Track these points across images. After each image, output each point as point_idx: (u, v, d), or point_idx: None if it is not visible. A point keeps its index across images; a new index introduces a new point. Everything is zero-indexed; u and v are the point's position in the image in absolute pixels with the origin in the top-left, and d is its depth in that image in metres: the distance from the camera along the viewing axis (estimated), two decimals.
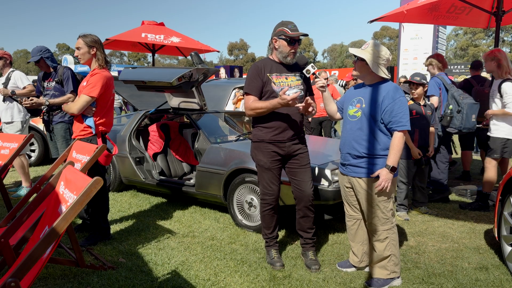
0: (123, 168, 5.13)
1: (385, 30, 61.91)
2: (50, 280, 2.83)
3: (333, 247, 3.52)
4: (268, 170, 3.06)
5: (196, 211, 4.56)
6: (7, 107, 5.10)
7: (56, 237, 1.83)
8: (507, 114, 4.21)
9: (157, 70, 4.95)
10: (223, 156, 4.15)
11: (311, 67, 2.93)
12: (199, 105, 4.93)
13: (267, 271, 3.01)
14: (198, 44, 8.46)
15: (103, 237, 3.58)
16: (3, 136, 3.93)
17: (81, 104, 3.33)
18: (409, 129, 2.70)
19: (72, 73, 4.61)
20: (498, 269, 3.08)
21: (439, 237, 3.77)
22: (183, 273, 3.00)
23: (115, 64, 25.12)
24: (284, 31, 2.93)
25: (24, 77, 5.16)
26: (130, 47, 9.11)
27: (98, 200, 3.48)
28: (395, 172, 2.65)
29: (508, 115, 4.21)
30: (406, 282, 2.87)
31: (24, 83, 5.11)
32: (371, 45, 2.75)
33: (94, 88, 3.34)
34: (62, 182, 2.39)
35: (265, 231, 3.20)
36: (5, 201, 3.81)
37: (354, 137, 2.77)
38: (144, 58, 68.94)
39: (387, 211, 2.74)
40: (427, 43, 12.69)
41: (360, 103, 2.78)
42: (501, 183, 3.21)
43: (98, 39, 3.47)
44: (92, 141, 3.41)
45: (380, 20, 5.41)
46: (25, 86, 5.09)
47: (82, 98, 3.34)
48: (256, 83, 2.98)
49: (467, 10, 5.44)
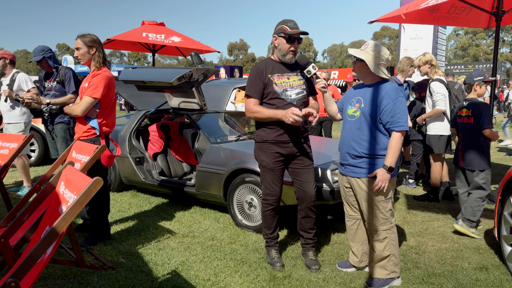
0: (123, 168, 5.13)
1: (385, 30, 61.94)
2: (50, 280, 2.83)
3: (333, 247, 3.52)
4: (270, 170, 3.05)
5: (196, 211, 4.56)
6: (10, 108, 5.12)
7: (56, 237, 1.83)
8: (438, 111, 4.55)
9: (157, 70, 4.95)
10: (223, 156, 4.15)
11: (312, 68, 2.92)
12: (199, 105, 4.93)
13: (267, 271, 3.01)
14: (198, 44, 8.46)
15: (103, 237, 3.58)
16: (3, 136, 3.93)
17: (84, 106, 3.32)
18: (407, 130, 2.70)
19: (74, 74, 4.61)
20: (498, 269, 3.08)
21: (439, 237, 3.77)
22: (183, 273, 3.00)
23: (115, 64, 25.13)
24: (283, 28, 2.93)
25: (29, 80, 5.15)
26: (130, 47, 9.11)
27: (99, 200, 3.48)
28: (392, 172, 2.65)
29: (439, 112, 4.55)
30: (406, 282, 2.87)
31: (29, 86, 5.12)
32: (371, 45, 2.75)
33: (97, 89, 3.33)
34: (62, 182, 2.39)
35: (265, 231, 3.20)
36: (5, 201, 3.81)
37: (353, 137, 2.77)
38: (144, 58, 68.96)
39: (386, 211, 2.75)
40: (427, 43, 12.68)
41: (359, 103, 2.78)
42: (501, 183, 3.21)
43: (97, 38, 3.45)
44: (95, 142, 3.40)
45: (379, 21, 5.41)
46: (29, 89, 5.10)
47: (85, 99, 3.33)
48: (257, 85, 2.97)
49: (467, 10, 5.43)
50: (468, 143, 3.90)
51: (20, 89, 5.09)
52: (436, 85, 4.57)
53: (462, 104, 4.05)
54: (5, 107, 5.11)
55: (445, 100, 4.53)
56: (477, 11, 5.25)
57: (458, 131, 4.08)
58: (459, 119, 4.03)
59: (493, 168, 6.79)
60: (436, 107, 4.56)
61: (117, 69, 19.75)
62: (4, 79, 5.19)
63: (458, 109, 4.06)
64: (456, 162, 4.03)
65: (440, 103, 4.52)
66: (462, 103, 4.07)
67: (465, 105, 4.00)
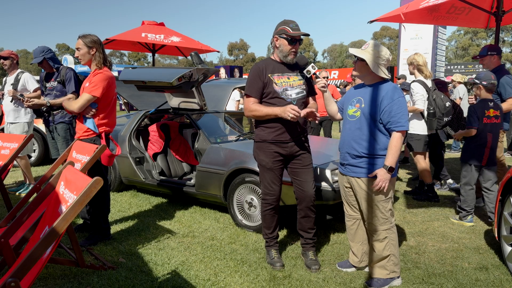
0: (123, 168, 5.13)
1: (385, 30, 61.93)
2: (50, 280, 2.83)
3: (333, 247, 3.52)
4: (270, 170, 3.05)
5: (196, 211, 4.56)
6: (14, 108, 5.13)
7: (56, 237, 1.83)
8: (417, 110, 4.75)
9: (157, 70, 4.95)
10: (223, 156, 4.15)
11: (312, 68, 2.92)
12: (199, 105, 4.93)
13: (267, 271, 3.01)
14: (198, 44, 8.46)
15: (103, 237, 3.58)
16: (3, 136, 3.93)
17: (82, 102, 3.33)
18: (407, 130, 2.70)
19: (75, 74, 4.61)
20: (498, 269, 3.08)
21: (439, 237, 3.77)
22: (183, 273, 3.00)
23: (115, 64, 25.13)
24: (285, 29, 2.93)
25: (33, 80, 5.19)
26: (130, 47, 9.11)
27: (99, 200, 3.48)
28: (393, 172, 2.65)
29: (418, 111, 4.76)
30: (406, 282, 2.87)
31: (34, 86, 5.15)
32: (371, 45, 2.75)
33: (96, 88, 3.33)
34: (62, 182, 2.39)
35: (265, 231, 3.20)
36: (5, 201, 3.81)
37: (353, 136, 2.77)
38: (144, 58, 68.95)
39: (386, 211, 2.75)
40: (427, 43, 12.68)
41: (359, 103, 2.78)
42: (501, 183, 3.21)
43: (98, 39, 3.46)
44: (95, 142, 3.40)
45: (379, 20, 5.41)
46: (35, 89, 5.12)
47: (84, 96, 3.34)
48: (256, 84, 2.98)
49: (466, 10, 5.43)
50: (496, 142, 4.09)
51: (25, 89, 5.11)
52: (416, 86, 4.75)
53: (488, 104, 4.05)
54: (10, 107, 5.14)
55: (423, 100, 4.70)
56: (476, 11, 5.25)
57: (485, 131, 4.03)
58: (488, 120, 4.03)
59: None
60: (415, 106, 4.75)
61: (117, 69, 19.73)
62: (8, 78, 5.21)
63: (485, 109, 4.04)
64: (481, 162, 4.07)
65: (419, 103, 4.71)
66: (486, 103, 4.06)
67: (491, 105, 4.04)
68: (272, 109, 2.90)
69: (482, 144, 4.05)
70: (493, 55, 4.59)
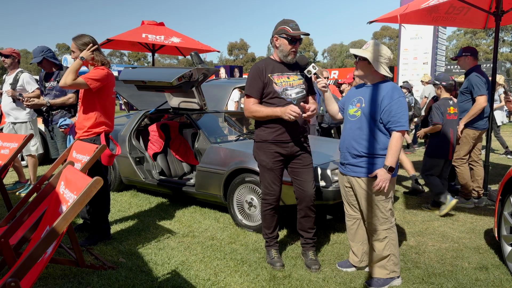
0: (123, 168, 5.13)
1: (385, 30, 61.92)
2: (50, 280, 2.83)
3: (333, 247, 3.52)
4: (270, 170, 3.05)
5: (196, 211, 4.56)
6: (17, 108, 5.14)
7: (56, 237, 1.83)
8: None
9: (157, 70, 4.95)
10: (223, 156, 4.15)
11: (312, 68, 2.93)
12: (199, 105, 4.93)
13: (267, 271, 3.01)
14: (198, 44, 8.46)
15: (103, 237, 3.58)
16: (3, 136, 3.93)
17: (76, 81, 3.24)
18: (408, 129, 2.71)
19: None
20: (498, 269, 3.08)
21: (439, 237, 3.77)
22: (183, 273, 3.00)
23: (115, 64, 25.10)
24: (285, 29, 2.92)
25: (32, 80, 5.16)
26: (130, 47, 9.11)
27: (99, 200, 3.48)
28: (393, 172, 2.65)
29: None
30: (406, 282, 2.87)
31: (33, 87, 5.13)
32: (372, 44, 2.75)
33: (96, 80, 3.29)
34: (62, 182, 2.39)
35: (265, 231, 3.20)
36: (5, 201, 3.81)
37: (353, 136, 2.77)
38: (144, 58, 68.93)
39: (386, 211, 2.75)
40: (427, 43, 12.69)
41: (360, 103, 2.78)
42: (501, 183, 3.21)
43: (90, 40, 3.40)
44: (95, 142, 3.40)
45: (379, 21, 5.41)
46: (33, 90, 5.11)
47: (80, 79, 3.27)
48: (256, 85, 2.97)
49: (464, 10, 5.43)
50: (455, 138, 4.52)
51: (23, 89, 5.10)
52: None
53: (448, 102, 4.48)
54: (12, 106, 5.13)
55: None
56: (474, 11, 5.25)
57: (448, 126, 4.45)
58: (449, 116, 4.45)
59: (493, 168, 6.80)
60: None
61: (117, 69, 19.71)
62: (7, 77, 5.20)
63: (447, 107, 4.47)
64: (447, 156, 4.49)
65: None
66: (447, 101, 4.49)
67: (451, 103, 4.48)
68: (273, 110, 2.90)
69: (446, 139, 4.44)
70: (467, 56, 4.83)
